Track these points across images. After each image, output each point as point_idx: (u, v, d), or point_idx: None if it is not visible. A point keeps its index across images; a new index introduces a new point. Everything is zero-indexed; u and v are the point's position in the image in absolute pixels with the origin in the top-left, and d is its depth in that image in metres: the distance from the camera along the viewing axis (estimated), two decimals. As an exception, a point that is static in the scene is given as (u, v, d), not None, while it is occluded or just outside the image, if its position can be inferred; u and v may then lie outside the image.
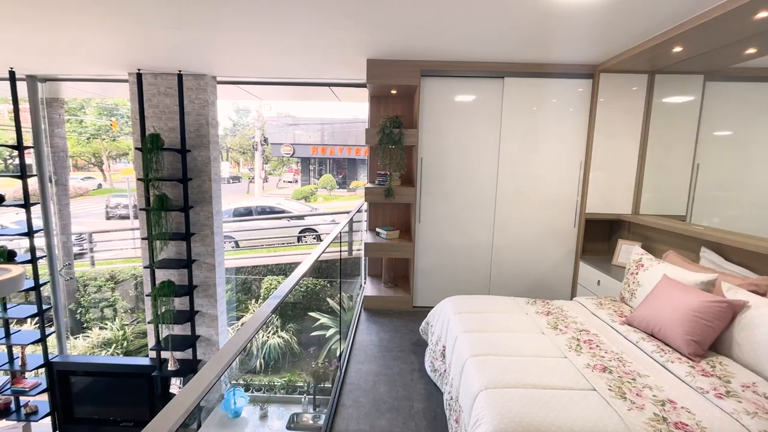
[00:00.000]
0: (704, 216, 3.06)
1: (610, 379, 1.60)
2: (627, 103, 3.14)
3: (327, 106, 19.14)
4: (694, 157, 3.04)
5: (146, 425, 0.66)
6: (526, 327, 2.12)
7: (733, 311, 1.74)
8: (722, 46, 2.42)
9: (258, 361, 5.96)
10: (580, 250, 3.38)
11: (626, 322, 2.11)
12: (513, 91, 3.22)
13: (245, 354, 6.01)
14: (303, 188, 16.69)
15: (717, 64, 2.82)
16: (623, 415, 1.38)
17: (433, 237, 3.42)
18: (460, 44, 2.73)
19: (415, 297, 3.51)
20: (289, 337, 6.17)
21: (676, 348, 1.79)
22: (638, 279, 2.37)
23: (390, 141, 3.20)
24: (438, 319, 2.48)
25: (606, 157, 3.21)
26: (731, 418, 1.37)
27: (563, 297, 3.46)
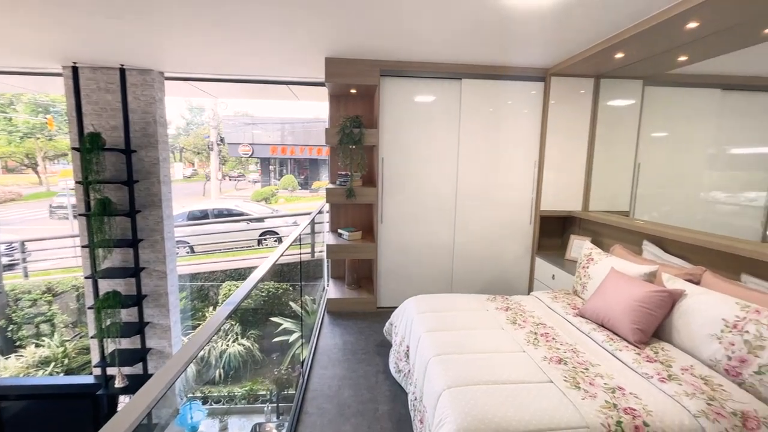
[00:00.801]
0: (645, 211, 3.29)
1: (566, 370, 1.67)
2: (576, 106, 3.30)
3: (287, 105, 18.70)
4: (635, 157, 3.25)
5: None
6: (487, 323, 2.16)
7: (673, 299, 1.87)
8: (658, 54, 2.61)
9: (217, 372, 5.69)
10: (536, 247, 3.52)
11: (579, 314, 2.22)
12: (470, 93, 3.29)
13: (203, 364, 5.72)
14: (263, 189, 16.20)
15: (654, 70, 3.03)
16: (578, 404, 1.44)
17: (395, 237, 3.42)
18: (419, 45, 2.74)
19: (379, 298, 3.49)
20: (251, 344, 5.95)
21: (624, 336, 1.89)
22: (589, 272, 2.49)
23: (350, 141, 3.15)
24: (401, 319, 2.47)
25: (558, 157, 3.36)
26: (673, 400, 1.46)
27: (521, 292, 3.59)
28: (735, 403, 1.42)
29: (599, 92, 3.27)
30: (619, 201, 3.35)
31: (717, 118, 3.29)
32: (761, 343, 1.49)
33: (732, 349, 1.57)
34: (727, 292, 1.76)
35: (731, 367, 1.56)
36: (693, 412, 1.39)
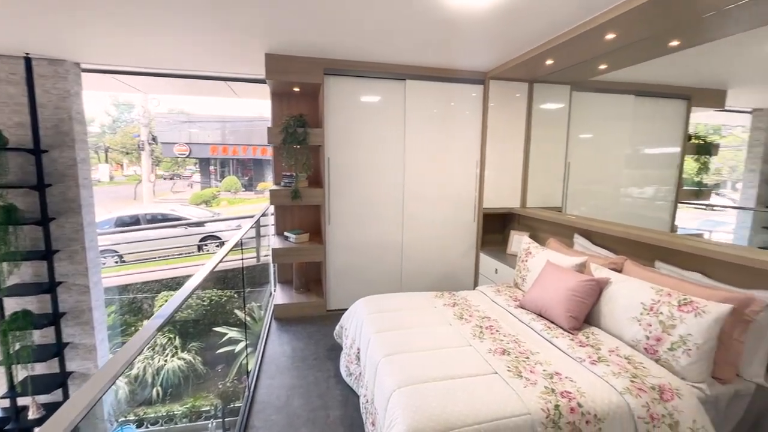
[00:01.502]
0: (576, 206, 3.58)
1: (509, 360, 1.74)
2: (513, 108, 3.49)
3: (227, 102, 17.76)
4: (566, 157, 3.52)
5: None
6: (435, 320, 2.20)
7: (600, 287, 2.04)
8: (582, 62, 2.83)
9: (154, 390, 5.24)
10: (480, 243, 3.67)
11: (520, 305, 2.34)
12: (415, 94, 3.34)
13: (137, 383, 5.24)
14: (203, 192, 15.25)
15: (579, 76, 3.30)
16: (520, 392, 1.51)
17: (344, 238, 3.38)
18: (363, 44, 2.72)
19: (329, 301, 3.43)
20: (192, 357, 5.56)
21: (560, 324, 2.03)
22: (527, 265, 2.64)
23: (294, 141, 3.06)
24: (351, 321, 2.44)
25: (498, 157, 3.53)
26: (602, 380, 1.59)
27: (468, 287, 3.72)
28: (653, 378, 1.58)
29: (533, 96, 3.48)
30: (552, 197, 3.60)
31: (632, 121, 3.66)
32: (672, 323, 1.67)
33: (649, 330, 1.74)
34: (644, 279, 1.95)
35: (649, 345, 1.73)
36: (619, 390, 1.52)
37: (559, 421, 1.42)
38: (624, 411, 1.47)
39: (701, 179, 4.97)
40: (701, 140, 4.56)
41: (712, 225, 5.13)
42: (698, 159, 4.84)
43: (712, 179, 5.20)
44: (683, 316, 1.64)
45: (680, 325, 1.64)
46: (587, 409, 1.45)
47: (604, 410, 1.46)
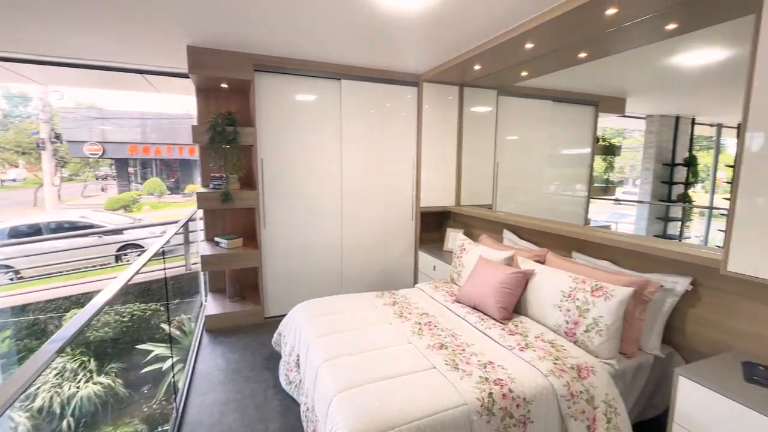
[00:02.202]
0: (505, 204, 3.82)
1: (446, 354, 1.80)
2: (445, 110, 3.63)
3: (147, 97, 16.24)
4: (494, 157, 3.74)
5: None
6: (376, 320, 2.21)
7: (526, 278, 2.19)
8: (507, 68, 3.02)
9: (65, 422, 4.61)
10: (418, 241, 3.76)
11: (456, 300, 2.43)
12: (351, 94, 3.33)
13: (42, 416, 4.58)
14: (120, 196, 13.78)
15: (504, 82, 3.52)
16: (457, 384, 1.56)
17: (281, 241, 3.26)
18: (295, 41, 2.64)
19: (267, 307, 3.28)
20: (111, 380, 4.99)
21: (492, 315, 2.14)
22: (462, 261, 2.76)
23: (223, 140, 2.87)
24: (290, 327, 2.36)
25: (433, 157, 3.64)
26: (530, 365, 1.70)
27: (408, 285, 3.80)
28: (572, 359, 1.73)
29: (464, 99, 3.65)
30: (484, 196, 3.81)
31: (550, 124, 4.00)
32: (587, 307, 1.84)
33: (568, 315, 1.91)
34: (563, 268, 2.13)
35: (569, 329, 1.90)
36: (544, 372, 1.64)
37: (492, 408, 1.49)
38: (549, 392, 1.59)
39: (608, 177, 5.59)
40: (607, 142, 5.12)
41: (619, 217, 5.80)
42: (605, 159, 5.43)
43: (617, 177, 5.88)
44: (595, 301, 1.82)
45: (593, 309, 1.81)
46: (517, 394, 1.55)
47: (532, 393, 1.57)
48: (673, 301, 1.85)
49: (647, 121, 5.25)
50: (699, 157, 5.46)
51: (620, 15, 1.95)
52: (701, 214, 5.43)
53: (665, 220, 5.29)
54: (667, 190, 5.28)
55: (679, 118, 5.07)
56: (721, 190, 5.36)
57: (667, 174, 5.19)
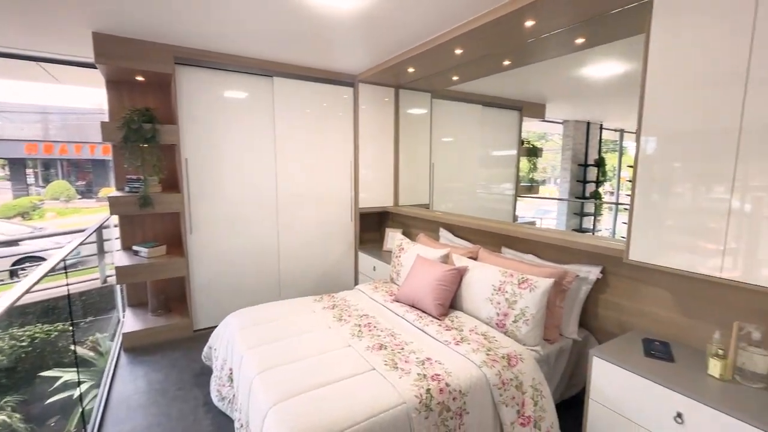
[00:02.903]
0: (441, 203, 3.95)
1: (386, 354, 1.80)
2: (382, 111, 3.65)
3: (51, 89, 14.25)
4: (430, 158, 3.85)
5: None
6: (315, 325, 2.15)
7: (460, 275, 2.27)
8: (439, 72, 3.12)
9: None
10: (358, 242, 3.75)
11: (395, 299, 2.45)
12: (284, 92, 3.21)
13: None
14: (16, 201, 11.96)
15: (437, 85, 3.65)
16: (395, 383, 1.57)
17: (211, 247, 3.04)
18: (221, 34, 2.48)
19: (196, 319, 3.05)
20: (7, 416, 4.29)
21: (429, 313, 2.19)
22: (401, 260, 2.80)
23: (140, 138, 2.61)
24: (222, 339, 2.20)
25: (371, 158, 3.65)
26: (465, 358, 1.77)
27: (348, 286, 3.77)
28: (503, 348, 1.83)
29: (399, 101, 3.71)
30: (421, 195, 3.91)
31: (480, 127, 4.22)
32: (515, 299, 1.96)
33: (499, 307, 2.02)
34: (494, 263, 2.26)
35: (499, 321, 2.01)
36: (478, 364, 1.72)
37: (430, 404, 1.52)
38: (482, 382, 1.66)
39: (532, 176, 6.05)
40: (531, 145, 5.55)
41: (542, 213, 6.32)
42: (529, 160, 5.88)
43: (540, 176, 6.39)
44: (522, 292, 1.94)
45: (520, 300, 1.94)
46: (454, 387, 1.60)
47: (467, 385, 1.63)
48: (587, 289, 2.05)
49: (564, 126, 5.78)
50: (607, 159, 6.14)
51: (538, 27, 2.11)
52: (610, 209, 6.11)
53: (581, 215, 5.87)
54: (582, 188, 5.86)
55: (589, 124, 5.66)
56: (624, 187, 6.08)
57: (582, 173, 5.77)
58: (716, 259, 1.41)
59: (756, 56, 1.28)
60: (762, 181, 1.30)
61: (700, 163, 1.44)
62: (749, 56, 1.29)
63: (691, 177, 1.47)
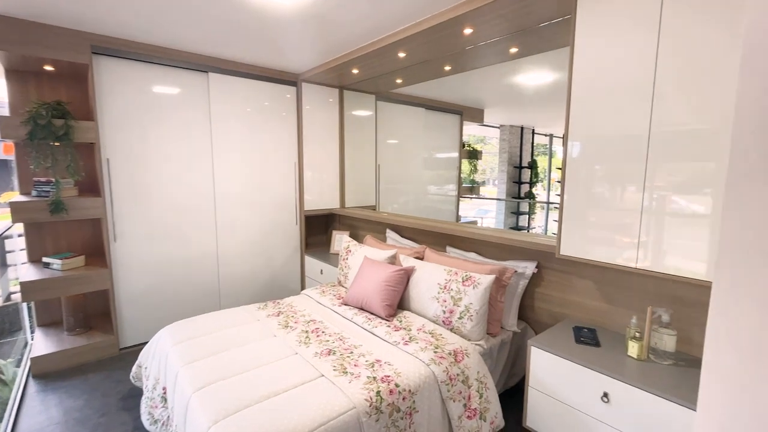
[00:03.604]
0: (387, 204, 3.98)
1: (335, 359, 1.76)
2: (326, 112, 3.60)
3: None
4: (376, 159, 3.87)
5: None
6: (259, 335, 2.04)
7: (408, 275, 2.30)
8: (383, 74, 3.14)
9: None
10: (304, 245, 3.65)
11: (344, 302, 2.42)
12: (222, 89, 3.03)
13: None
14: None
15: (382, 88, 3.67)
16: (345, 389, 1.54)
17: (139, 255, 2.78)
18: (147, 24, 2.27)
19: (122, 337, 2.76)
20: None
21: (378, 314, 2.19)
22: (348, 263, 2.77)
23: (49, 136, 2.30)
24: (153, 356, 2.02)
25: (315, 159, 3.57)
26: (414, 357, 1.79)
27: (295, 292, 3.65)
28: (449, 345, 1.88)
29: (344, 102, 3.68)
30: (368, 197, 3.91)
31: (424, 130, 4.33)
32: (460, 296, 2.03)
33: (445, 305, 2.07)
34: (439, 262, 2.31)
35: (446, 318, 2.06)
36: (426, 362, 1.75)
37: (380, 406, 1.51)
38: (431, 379, 1.69)
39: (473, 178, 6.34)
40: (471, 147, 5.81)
41: (483, 213, 6.66)
42: (470, 162, 6.15)
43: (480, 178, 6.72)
44: (466, 290, 2.01)
45: (465, 297, 2.01)
46: (403, 387, 1.60)
47: (416, 383, 1.65)
48: (525, 283, 2.18)
49: (500, 130, 6.14)
50: (539, 161, 6.63)
51: (475, 35, 2.21)
52: (542, 208, 6.59)
53: (517, 214, 6.27)
54: (518, 189, 6.26)
55: (523, 128, 6.07)
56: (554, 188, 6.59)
57: (517, 175, 6.17)
58: (631, 251, 1.57)
59: (660, 73, 1.44)
60: (665, 182, 1.47)
61: (617, 165, 1.59)
62: (654, 72, 1.46)
63: (609, 178, 1.63)
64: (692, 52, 1.36)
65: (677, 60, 1.40)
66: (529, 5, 1.83)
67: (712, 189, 1.36)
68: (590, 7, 1.62)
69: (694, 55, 1.36)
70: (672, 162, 1.44)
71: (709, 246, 1.37)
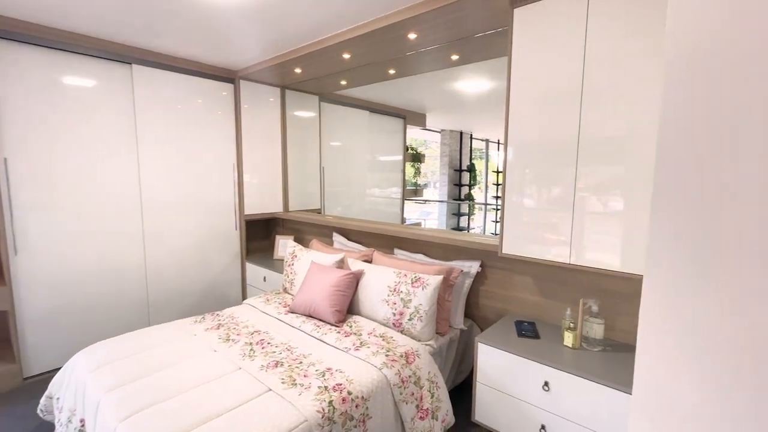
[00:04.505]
0: (332, 207, 3.91)
1: (282, 372, 1.67)
2: (267, 112, 3.44)
3: None
4: (320, 162, 3.78)
5: None
6: (196, 351, 1.88)
7: (357, 279, 2.27)
8: (327, 75, 3.09)
9: None
10: (245, 252, 3.45)
11: (290, 310, 2.32)
12: (148, 83, 2.76)
13: None
14: None
15: (326, 89, 3.61)
16: (295, 402, 1.47)
17: (48, 269, 2.42)
18: (57, 6, 1.98)
19: (27, 364, 2.38)
20: None
21: (327, 320, 2.13)
22: (294, 269, 2.67)
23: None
24: (67, 384, 1.76)
25: (256, 161, 3.40)
26: (365, 362, 1.76)
27: (235, 302, 3.43)
28: (401, 347, 1.88)
29: (286, 102, 3.55)
30: (313, 200, 3.81)
31: (368, 133, 4.34)
32: (409, 298, 2.04)
33: (395, 307, 2.07)
34: (388, 265, 2.31)
35: (396, 320, 2.06)
36: (378, 366, 1.73)
37: (333, 416, 1.46)
38: (383, 383, 1.68)
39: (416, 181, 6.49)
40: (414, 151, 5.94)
41: (425, 215, 6.84)
42: (413, 165, 6.29)
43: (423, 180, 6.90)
44: (415, 291, 2.03)
45: (414, 298, 2.03)
46: (356, 394, 1.57)
47: (369, 389, 1.62)
48: (470, 282, 2.26)
49: (441, 135, 6.35)
50: (477, 164, 6.97)
51: (419, 40, 2.25)
52: (480, 209, 6.93)
53: (458, 215, 6.53)
54: (458, 191, 6.52)
55: (462, 133, 6.34)
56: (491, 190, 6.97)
57: (457, 178, 6.42)
58: (564, 248, 1.70)
59: (586, 82, 1.58)
60: (590, 184, 1.60)
61: (552, 169, 1.71)
62: (582, 84, 1.59)
63: (545, 181, 1.74)
64: (610, 68, 1.51)
65: (599, 74, 1.54)
66: (466, 15, 1.91)
67: (623, 190, 1.52)
68: (525, 20, 1.72)
69: (612, 70, 1.50)
70: (595, 165, 1.58)
71: (622, 241, 1.53)
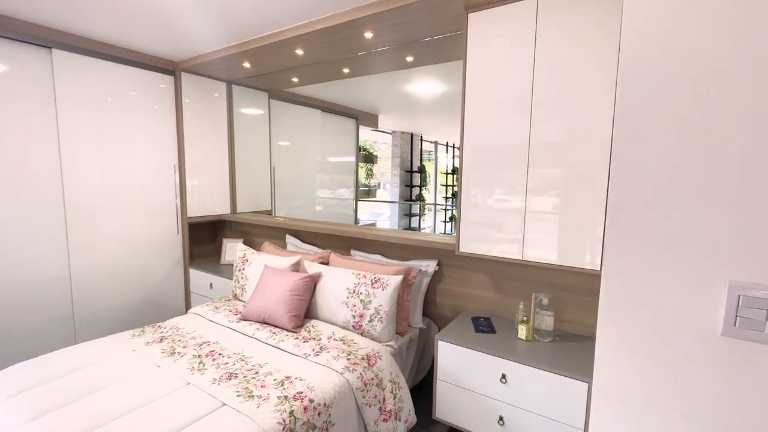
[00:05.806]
0: (283, 208, 3.77)
1: (237, 384, 1.57)
2: (212, 109, 3.23)
3: None
4: (270, 161, 3.63)
5: None
6: (135, 368, 1.70)
7: (314, 282, 2.20)
8: (278, 71, 2.96)
9: None
10: (188, 257, 3.21)
11: (242, 317, 2.19)
12: (72, 72, 2.46)
13: None
14: None
15: (276, 85, 3.47)
16: (253, 415, 1.38)
17: (-57, 286, 2.05)
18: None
19: None
20: None
21: (284, 327, 2.04)
22: (245, 273, 2.52)
23: None
24: (-27, 419, 1.50)
25: (200, 161, 3.17)
26: (326, 368, 1.70)
27: (179, 312, 3.17)
28: (362, 350, 1.85)
29: (233, 98, 3.36)
30: (262, 201, 3.64)
31: (319, 133, 4.25)
32: (369, 299, 2.02)
33: (354, 309, 2.04)
34: (346, 266, 2.27)
35: (356, 323, 2.03)
36: (339, 371, 1.68)
37: (295, 427, 1.39)
38: (346, 388, 1.63)
39: (369, 181, 6.49)
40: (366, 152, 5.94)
41: (376, 216, 6.86)
42: (366, 166, 6.28)
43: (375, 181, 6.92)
44: (375, 292, 2.01)
45: (374, 300, 2.00)
46: (318, 402, 1.51)
47: (331, 395, 1.57)
48: (427, 281, 2.29)
49: (393, 136, 6.41)
50: (427, 166, 7.13)
51: (375, 39, 2.24)
52: (430, 209, 7.10)
53: (410, 216, 6.64)
54: (409, 192, 6.62)
55: (413, 135, 6.45)
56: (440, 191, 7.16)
57: (409, 179, 6.52)
58: (516, 244, 1.78)
59: (536, 89, 1.67)
60: (539, 184, 1.70)
61: (505, 171, 1.78)
62: (532, 88, 1.68)
63: (498, 181, 1.81)
64: (557, 75, 1.61)
65: (547, 81, 1.63)
66: (422, 18, 1.93)
67: (564, 190, 1.63)
68: (479, 25, 1.78)
69: (558, 77, 1.60)
70: (542, 168, 1.68)
71: (558, 237, 1.64)
